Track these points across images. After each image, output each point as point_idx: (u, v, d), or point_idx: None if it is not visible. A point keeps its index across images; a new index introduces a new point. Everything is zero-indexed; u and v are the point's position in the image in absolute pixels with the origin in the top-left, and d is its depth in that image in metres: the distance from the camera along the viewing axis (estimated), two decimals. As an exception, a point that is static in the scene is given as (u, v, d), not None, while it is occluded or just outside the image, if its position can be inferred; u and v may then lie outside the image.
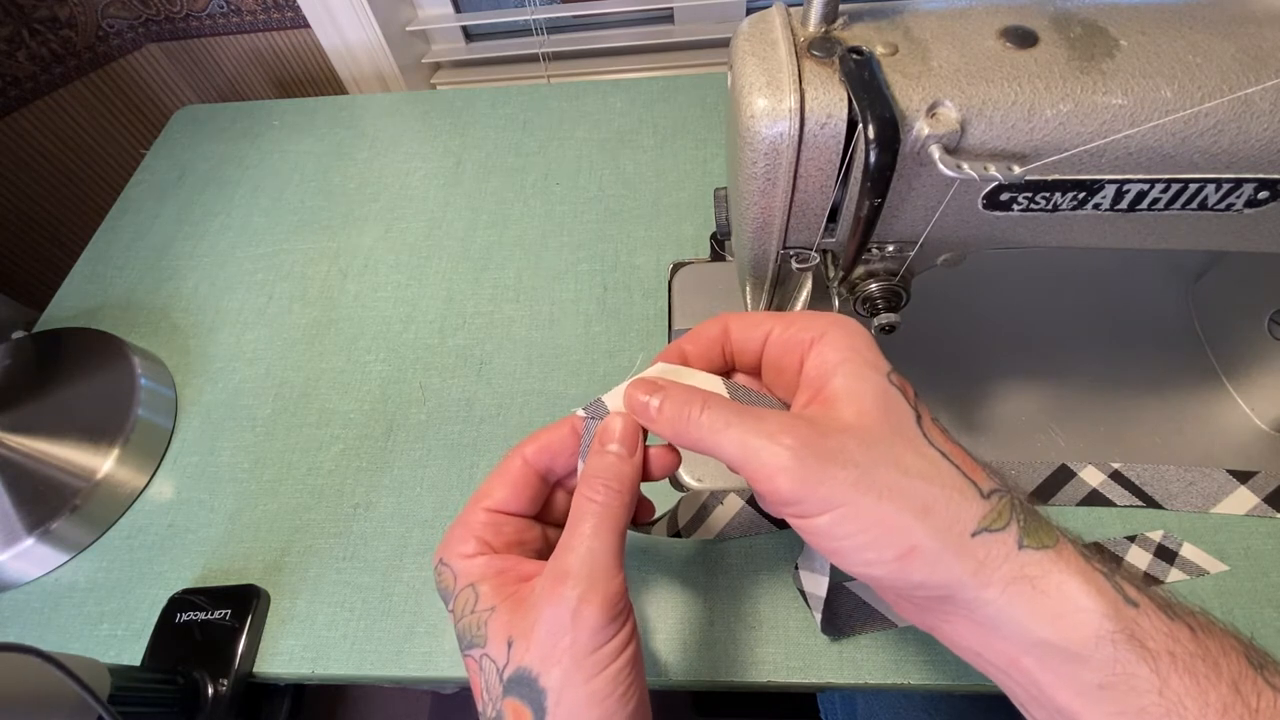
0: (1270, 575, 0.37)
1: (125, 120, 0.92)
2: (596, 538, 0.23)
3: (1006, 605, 0.20)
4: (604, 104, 0.66)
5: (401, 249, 0.57)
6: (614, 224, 0.57)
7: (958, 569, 0.20)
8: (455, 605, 0.24)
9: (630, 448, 0.25)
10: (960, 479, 0.21)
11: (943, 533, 0.20)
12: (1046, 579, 0.20)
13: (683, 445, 0.24)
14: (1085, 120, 0.24)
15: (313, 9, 0.79)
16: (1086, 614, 0.19)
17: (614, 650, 0.22)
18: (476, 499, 0.26)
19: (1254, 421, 0.42)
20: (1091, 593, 0.19)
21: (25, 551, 0.42)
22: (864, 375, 0.22)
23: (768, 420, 0.22)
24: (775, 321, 0.25)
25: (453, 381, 0.49)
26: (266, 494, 0.45)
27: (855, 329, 0.24)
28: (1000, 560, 0.20)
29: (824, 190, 0.27)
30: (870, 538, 0.20)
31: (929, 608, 0.22)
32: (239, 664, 0.38)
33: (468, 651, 0.23)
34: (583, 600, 0.21)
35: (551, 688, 0.21)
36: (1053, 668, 0.20)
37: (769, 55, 0.25)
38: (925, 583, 0.20)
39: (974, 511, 0.20)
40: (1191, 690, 0.18)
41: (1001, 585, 0.20)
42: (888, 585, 0.22)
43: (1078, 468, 0.41)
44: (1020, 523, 0.21)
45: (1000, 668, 0.21)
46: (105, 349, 0.51)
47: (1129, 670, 0.19)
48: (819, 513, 0.21)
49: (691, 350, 0.26)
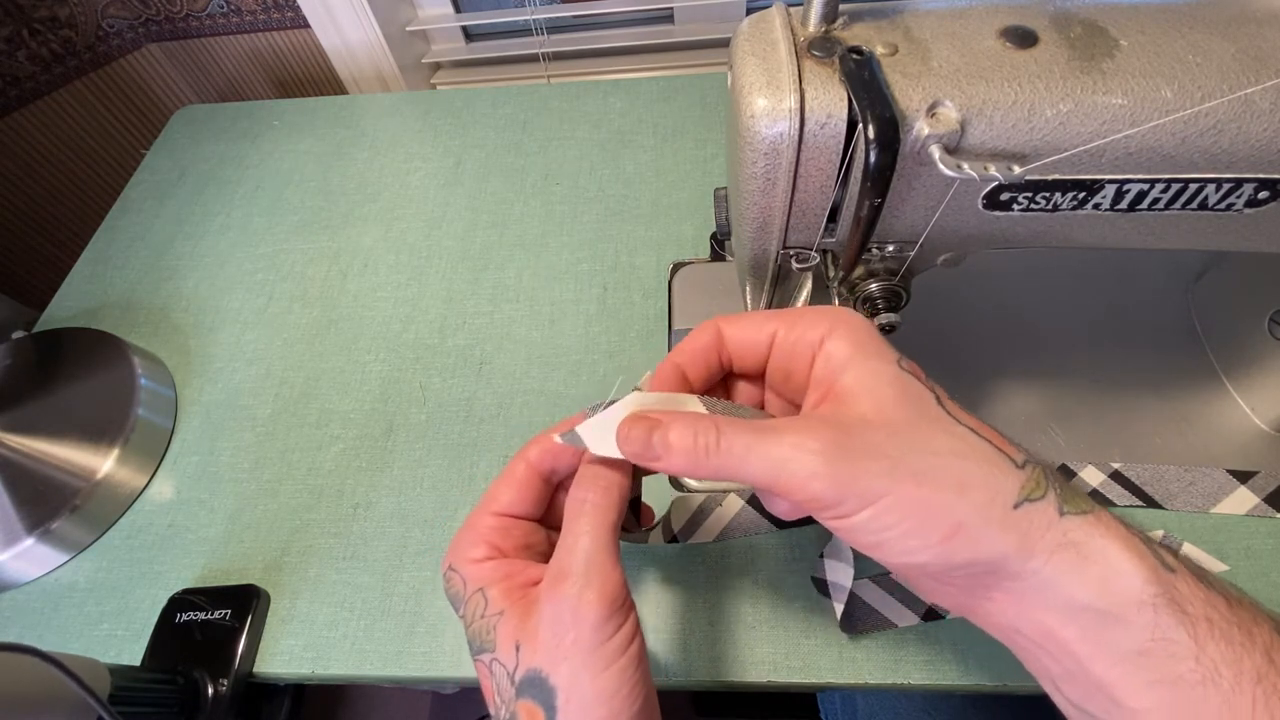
0: (1270, 575, 0.37)
1: (125, 120, 0.92)
2: (591, 535, 0.23)
3: (1052, 574, 0.19)
4: (604, 104, 0.66)
5: (401, 249, 0.58)
6: (614, 224, 0.57)
7: (1003, 543, 0.19)
8: (466, 611, 0.24)
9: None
10: (993, 452, 0.20)
11: (985, 507, 0.19)
12: (1090, 543, 0.19)
13: (700, 477, 0.23)
14: (1085, 120, 0.24)
15: (313, 9, 0.79)
16: (1129, 578, 0.19)
17: (619, 646, 0.22)
18: (483, 504, 0.26)
19: (1254, 421, 0.42)
20: (1133, 557, 0.19)
21: (25, 551, 0.42)
22: (874, 367, 0.22)
23: (785, 431, 0.21)
24: (778, 322, 0.24)
25: (453, 381, 0.49)
26: (266, 494, 0.45)
27: (858, 321, 0.23)
28: (1044, 529, 0.19)
29: (824, 190, 0.27)
30: (914, 524, 0.20)
31: (969, 587, 0.21)
32: (239, 664, 0.38)
33: (478, 656, 0.24)
34: (582, 596, 0.22)
35: (561, 685, 0.21)
36: (1093, 636, 0.19)
37: (769, 55, 0.25)
38: (972, 561, 0.20)
39: (1013, 483, 0.20)
40: (1227, 656, 0.18)
41: (1047, 554, 0.19)
42: (931, 572, 0.21)
43: (1078, 468, 0.41)
44: (1057, 490, 0.20)
45: (1037, 642, 0.21)
46: (105, 349, 0.51)
47: (1168, 635, 0.18)
48: (859, 509, 0.20)
49: (685, 362, 0.25)
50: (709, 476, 0.22)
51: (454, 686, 0.66)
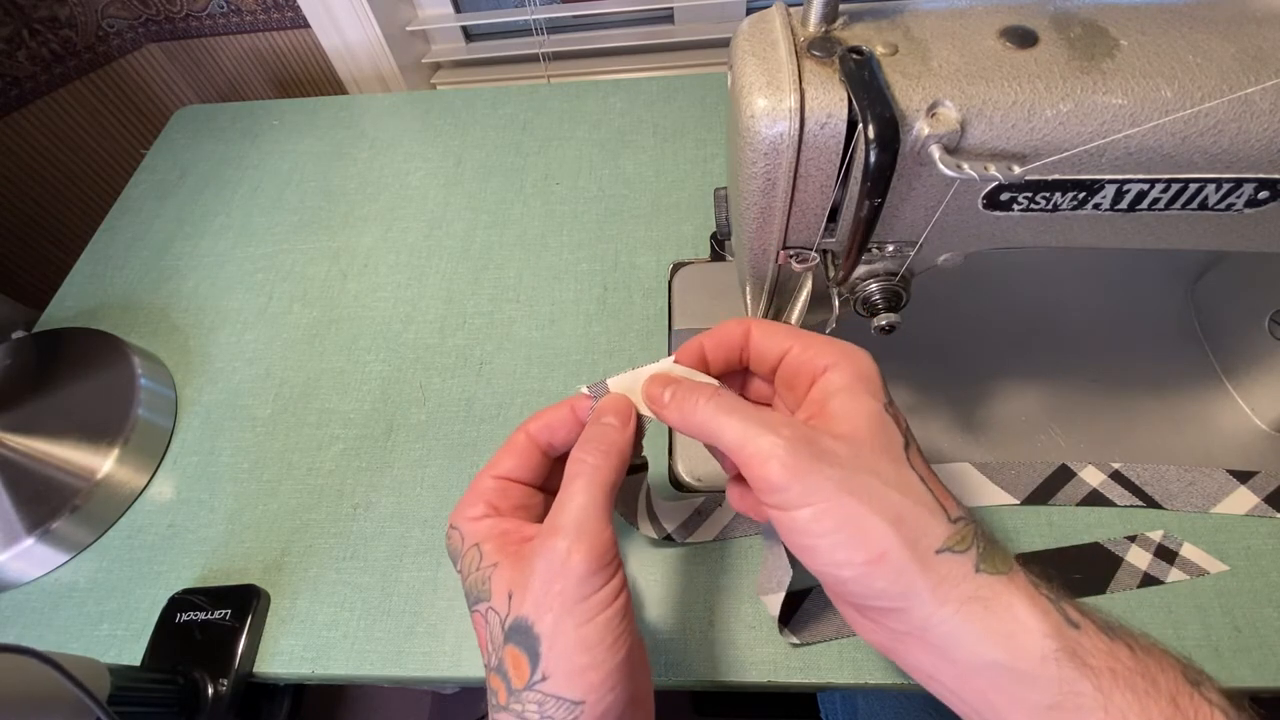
0: (1270, 575, 0.37)
1: (125, 120, 0.92)
2: (586, 494, 0.24)
3: (959, 625, 0.21)
4: (604, 104, 0.66)
5: (401, 249, 0.57)
6: (614, 224, 0.57)
7: (920, 582, 0.21)
8: (463, 564, 0.26)
9: (623, 420, 0.27)
10: (932, 501, 0.22)
11: (911, 544, 0.21)
12: (997, 599, 0.21)
13: (687, 430, 0.25)
14: (1085, 120, 0.24)
15: (313, 9, 0.79)
16: (1031, 634, 0.20)
17: (604, 599, 0.23)
18: (485, 469, 0.28)
19: (1254, 421, 0.42)
20: (1036, 614, 0.21)
21: (25, 551, 0.42)
22: (862, 400, 0.24)
23: (768, 414, 0.24)
24: (795, 340, 0.26)
25: (453, 381, 0.49)
26: (266, 494, 0.45)
27: (865, 363, 0.25)
28: (958, 580, 0.21)
29: (824, 190, 0.27)
30: (845, 537, 0.21)
31: (883, 624, 0.23)
32: (239, 664, 0.38)
33: (474, 607, 0.25)
34: (571, 550, 0.23)
35: (544, 634, 0.22)
36: (1005, 690, 0.21)
37: (769, 55, 0.25)
38: (887, 591, 0.21)
39: (941, 531, 0.22)
40: (1134, 705, 0.19)
41: (956, 604, 0.21)
42: (851, 591, 0.23)
43: (1078, 468, 0.41)
44: (980, 549, 0.22)
45: (953, 690, 0.22)
46: (105, 349, 0.51)
47: (1074, 689, 0.20)
48: (800, 505, 0.22)
49: (710, 345, 0.27)
50: (691, 430, 0.25)
51: (454, 686, 0.66)
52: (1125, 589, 0.37)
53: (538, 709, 0.22)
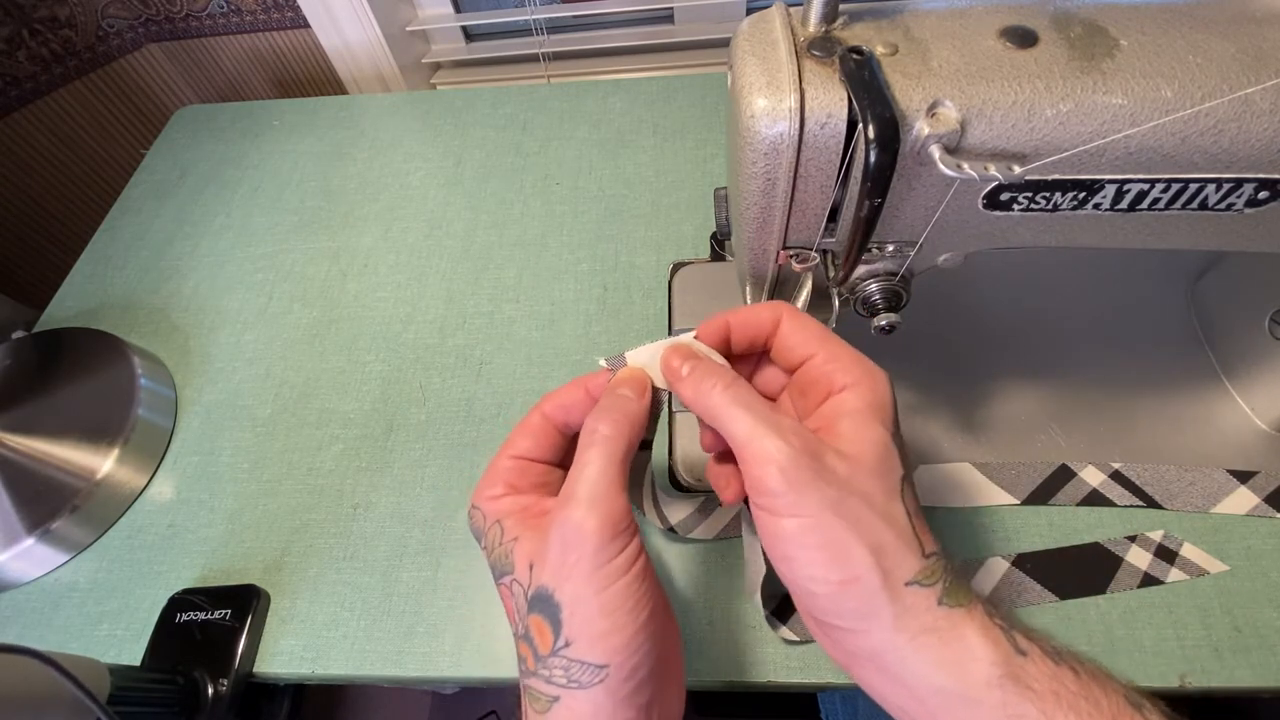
0: (1270, 575, 0.37)
1: (125, 120, 0.92)
2: (599, 464, 0.24)
3: (911, 654, 0.22)
4: (604, 104, 0.66)
5: (401, 249, 0.57)
6: (614, 224, 0.57)
7: (886, 610, 0.22)
8: (486, 541, 0.27)
9: (639, 392, 0.27)
10: (912, 536, 0.23)
11: (885, 573, 0.22)
12: (951, 630, 0.22)
13: (696, 409, 0.26)
14: (1085, 120, 0.24)
15: (313, 9, 0.79)
16: (979, 662, 0.21)
17: (621, 566, 0.23)
18: (502, 450, 0.28)
19: (1254, 421, 0.42)
20: (986, 643, 0.22)
21: (25, 551, 0.42)
22: (873, 428, 0.24)
23: (782, 418, 0.24)
24: (821, 348, 0.26)
25: (453, 381, 0.49)
26: (266, 494, 0.45)
27: (883, 389, 0.25)
28: (920, 611, 0.22)
29: (824, 190, 0.27)
30: (825, 555, 0.22)
31: (840, 643, 0.24)
32: (239, 664, 0.38)
33: (500, 580, 0.26)
34: (586, 519, 0.23)
35: (565, 601, 0.23)
36: (952, 710, 0.22)
37: (769, 55, 0.25)
38: (855, 611, 0.22)
39: (913, 564, 0.22)
40: None
41: (912, 634, 0.22)
42: (818, 606, 0.23)
43: (1078, 468, 0.41)
44: (946, 584, 0.23)
45: (907, 711, 0.23)
46: (105, 349, 0.51)
47: (1018, 711, 0.21)
48: (789, 515, 0.22)
49: (736, 324, 0.27)
50: (702, 413, 0.25)
51: (454, 686, 0.66)
52: (1125, 589, 0.37)
53: (564, 673, 0.23)
